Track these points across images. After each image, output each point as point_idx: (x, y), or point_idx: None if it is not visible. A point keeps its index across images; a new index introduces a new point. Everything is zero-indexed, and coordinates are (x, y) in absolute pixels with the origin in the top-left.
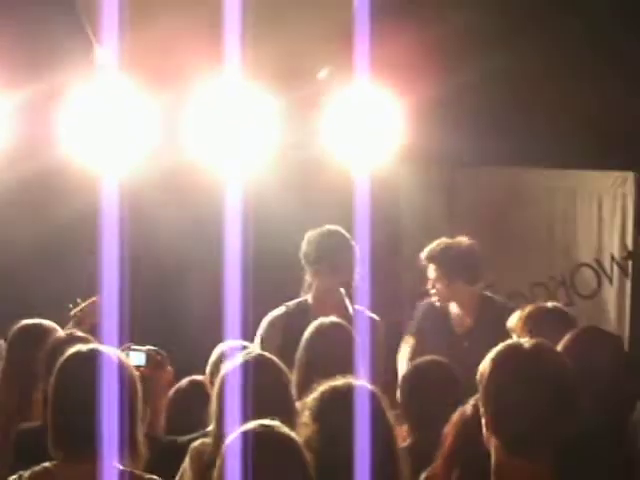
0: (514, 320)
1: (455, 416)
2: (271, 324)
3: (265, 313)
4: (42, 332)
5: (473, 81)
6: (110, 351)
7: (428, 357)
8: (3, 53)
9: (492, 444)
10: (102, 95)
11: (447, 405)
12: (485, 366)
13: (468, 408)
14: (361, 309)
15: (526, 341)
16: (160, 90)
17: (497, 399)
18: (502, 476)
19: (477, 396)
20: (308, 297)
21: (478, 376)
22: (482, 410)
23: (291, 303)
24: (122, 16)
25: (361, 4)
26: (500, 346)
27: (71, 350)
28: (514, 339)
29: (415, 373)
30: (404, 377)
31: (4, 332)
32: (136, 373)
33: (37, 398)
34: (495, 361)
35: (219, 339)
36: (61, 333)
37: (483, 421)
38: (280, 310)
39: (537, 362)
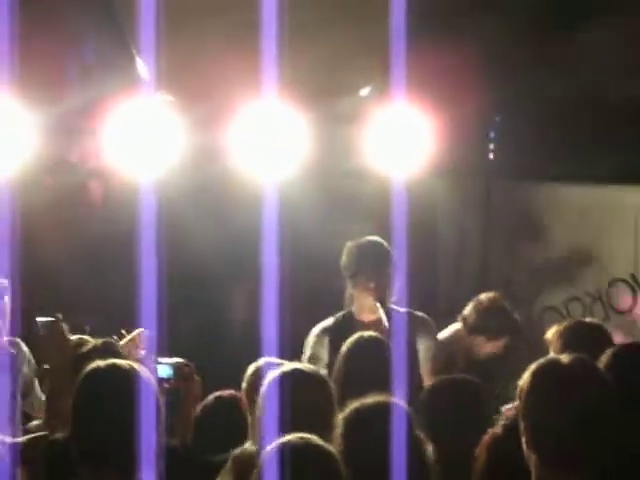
0: (551, 335)
1: (486, 437)
2: (318, 336)
3: (302, 326)
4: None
5: (510, 96)
6: (130, 365)
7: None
8: (47, 66)
9: (532, 460)
10: (141, 108)
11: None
12: (525, 381)
13: (499, 428)
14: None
15: (565, 356)
16: (198, 104)
17: (537, 414)
18: None
19: (507, 416)
20: (353, 308)
21: (517, 391)
22: (522, 425)
23: (339, 314)
24: (160, 31)
25: (398, 21)
26: (540, 361)
27: (89, 366)
28: (553, 354)
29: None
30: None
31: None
32: (157, 386)
33: None
34: (535, 376)
35: (255, 352)
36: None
37: (523, 437)
38: (329, 321)
39: (577, 377)
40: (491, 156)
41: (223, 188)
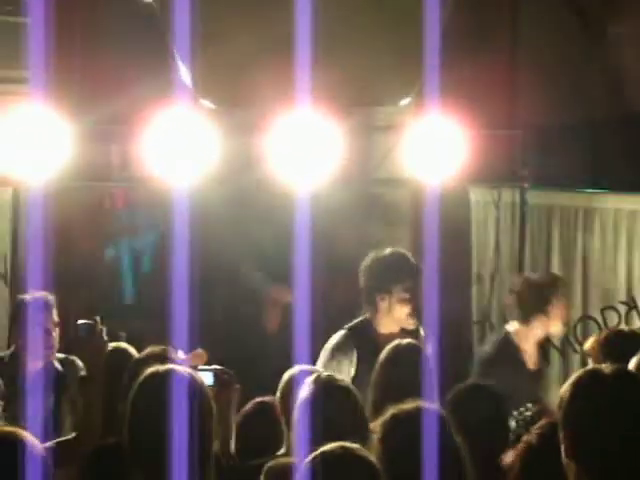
0: (590, 344)
1: (520, 445)
2: (339, 347)
3: (335, 332)
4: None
5: (543, 103)
6: (185, 371)
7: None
8: (87, 74)
9: (571, 469)
10: (180, 116)
11: None
12: (565, 391)
13: (533, 437)
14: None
15: (606, 366)
16: (235, 112)
17: (577, 425)
18: None
19: (542, 424)
20: (367, 315)
21: (558, 401)
22: (561, 435)
23: (353, 324)
24: (199, 40)
25: (433, 32)
26: (580, 371)
27: (148, 370)
28: (593, 365)
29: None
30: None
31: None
32: (210, 393)
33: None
34: (575, 387)
35: (288, 360)
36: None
37: (562, 447)
38: (345, 332)
39: (618, 387)
40: (526, 163)
41: (258, 196)
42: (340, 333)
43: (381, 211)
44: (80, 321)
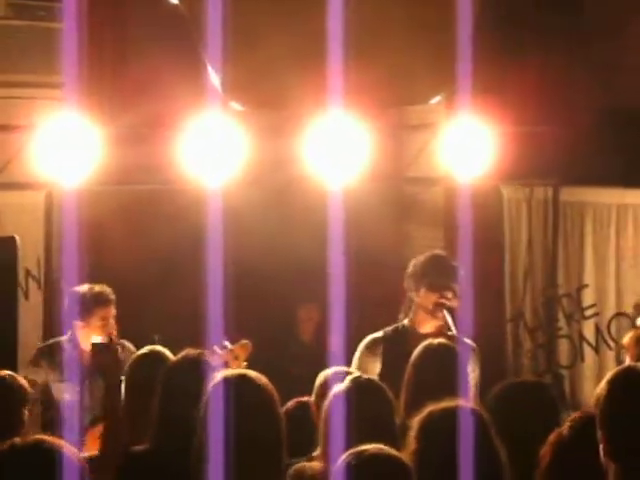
0: (627, 340)
1: (551, 437)
2: (368, 347)
3: (369, 332)
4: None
5: (576, 101)
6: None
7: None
8: (116, 76)
9: (611, 469)
10: (211, 118)
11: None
12: (601, 390)
13: (565, 429)
14: (459, 336)
15: None
16: (266, 114)
17: (615, 424)
18: None
19: (574, 417)
20: (405, 321)
21: (594, 399)
22: (600, 435)
23: (389, 328)
24: (230, 42)
25: (465, 30)
26: (617, 369)
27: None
28: (629, 361)
29: None
30: None
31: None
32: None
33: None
34: (612, 384)
35: (323, 367)
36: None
37: (601, 446)
38: (379, 334)
39: None
40: (558, 161)
41: (289, 198)
42: (373, 335)
43: (415, 210)
44: (94, 340)
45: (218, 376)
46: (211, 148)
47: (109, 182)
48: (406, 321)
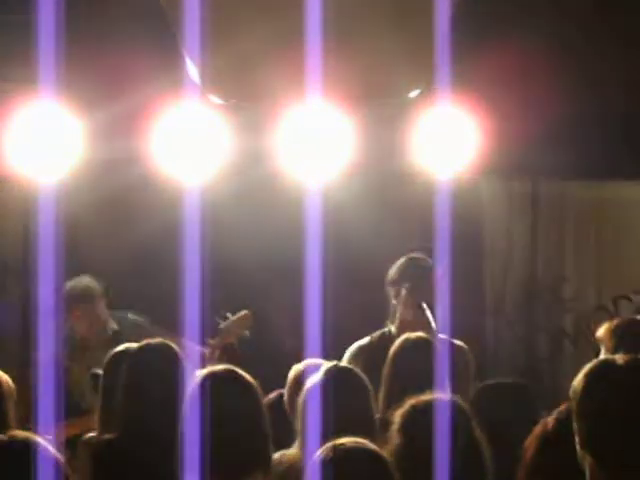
0: (602, 332)
1: (536, 429)
2: (354, 355)
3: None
4: None
5: (556, 93)
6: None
7: None
8: (92, 69)
9: (586, 460)
10: (189, 111)
11: None
12: (578, 383)
13: (550, 421)
14: (446, 337)
15: (620, 357)
16: (242, 106)
17: (592, 417)
18: None
19: (559, 410)
20: (392, 327)
21: (570, 393)
22: (575, 427)
23: (376, 334)
24: (208, 34)
25: (443, 21)
26: (593, 362)
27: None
28: (607, 355)
29: None
30: None
31: None
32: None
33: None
34: (589, 377)
35: (299, 356)
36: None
37: (577, 438)
38: (365, 341)
39: (632, 378)
40: (537, 155)
41: (268, 192)
42: (359, 342)
43: (392, 204)
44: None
45: (201, 373)
46: (190, 141)
47: (87, 175)
48: (393, 327)
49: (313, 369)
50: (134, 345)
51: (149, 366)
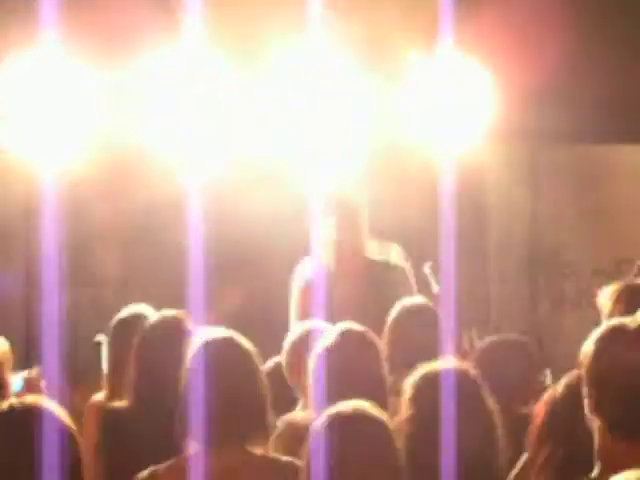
0: (604, 297)
1: (547, 395)
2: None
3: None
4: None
5: (556, 58)
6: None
7: None
8: (89, 32)
9: (597, 426)
10: (185, 71)
11: None
12: (589, 347)
13: (560, 387)
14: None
15: (631, 321)
16: (243, 64)
17: (602, 383)
18: (607, 459)
19: (568, 375)
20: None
21: (580, 357)
22: (586, 392)
23: (314, 260)
24: None
25: None
26: (603, 327)
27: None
28: (617, 320)
29: None
30: None
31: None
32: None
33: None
34: (599, 343)
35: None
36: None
37: (586, 403)
38: (306, 272)
39: None
40: (537, 119)
41: (268, 158)
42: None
43: (393, 170)
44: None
45: (200, 338)
46: (185, 101)
47: (88, 143)
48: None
49: (313, 333)
50: (135, 312)
51: (162, 340)
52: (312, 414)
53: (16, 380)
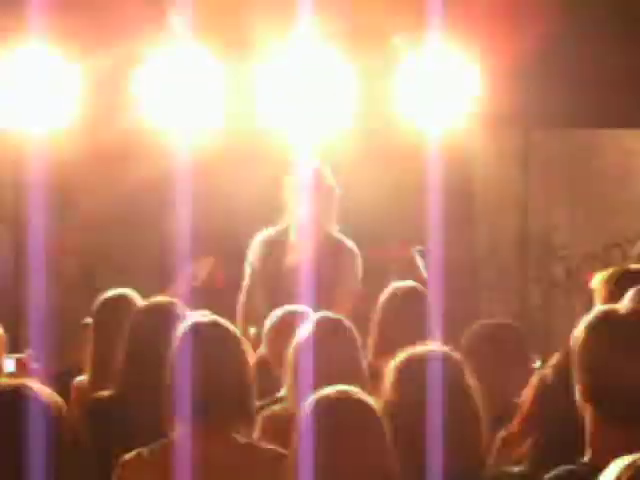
0: (596, 282)
1: (534, 379)
2: (260, 245)
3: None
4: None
5: (545, 41)
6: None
7: None
8: (78, 21)
9: (587, 410)
10: (175, 61)
11: None
12: (579, 332)
13: (548, 371)
14: None
15: (622, 306)
16: (232, 55)
17: (593, 368)
18: (598, 445)
19: (556, 359)
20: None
21: (571, 343)
22: (577, 376)
23: (279, 228)
24: None
25: None
26: (594, 312)
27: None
28: (608, 305)
29: None
30: None
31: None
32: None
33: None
34: (590, 328)
35: None
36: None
37: (577, 387)
38: (269, 233)
39: (634, 328)
40: (527, 104)
41: (259, 140)
42: (263, 233)
43: (383, 154)
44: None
45: (186, 322)
46: (176, 90)
47: (77, 125)
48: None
49: (294, 317)
50: (119, 294)
51: (153, 327)
52: (291, 405)
53: (7, 362)
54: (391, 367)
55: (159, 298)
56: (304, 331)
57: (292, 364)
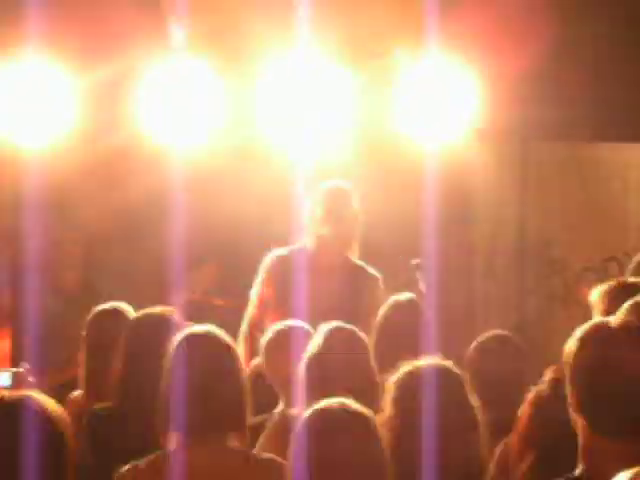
0: (594, 296)
1: (531, 395)
2: (273, 263)
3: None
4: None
5: (544, 54)
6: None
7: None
8: (76, 33)
9: (579, 424)
10: (174, 74)
11: None
12: (571, 346)
13: (544, 386)
14: None
15: (614, 319)
16: (230, 68)
17: (585, 381)
18: (590, 458)
19: (552, 373)
20: (307, 242)
21: (563, 356)
22: (569, 390)
23: (295, 247)
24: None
25: None
26: (586, 325)
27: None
28: (600, 318)
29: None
30: None
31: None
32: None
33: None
34: (582, 341)
35: None
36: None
37: (570, 401)
38: (283, 251)
39: (626, 342)
40: (526, 116)
41: (253, 152)
42: (278, 250)
43: (382, 166)
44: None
45: (182, 333)
46: (175, 104)
47: (74, 139)
48: (308, 241)
49: (291, 332)
50: (111, 307)
51: (151, 338)
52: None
53: (4, 376)
54: (391, 382)
55: (155, 308)
56: (317, 340)
57: (305, 373)
